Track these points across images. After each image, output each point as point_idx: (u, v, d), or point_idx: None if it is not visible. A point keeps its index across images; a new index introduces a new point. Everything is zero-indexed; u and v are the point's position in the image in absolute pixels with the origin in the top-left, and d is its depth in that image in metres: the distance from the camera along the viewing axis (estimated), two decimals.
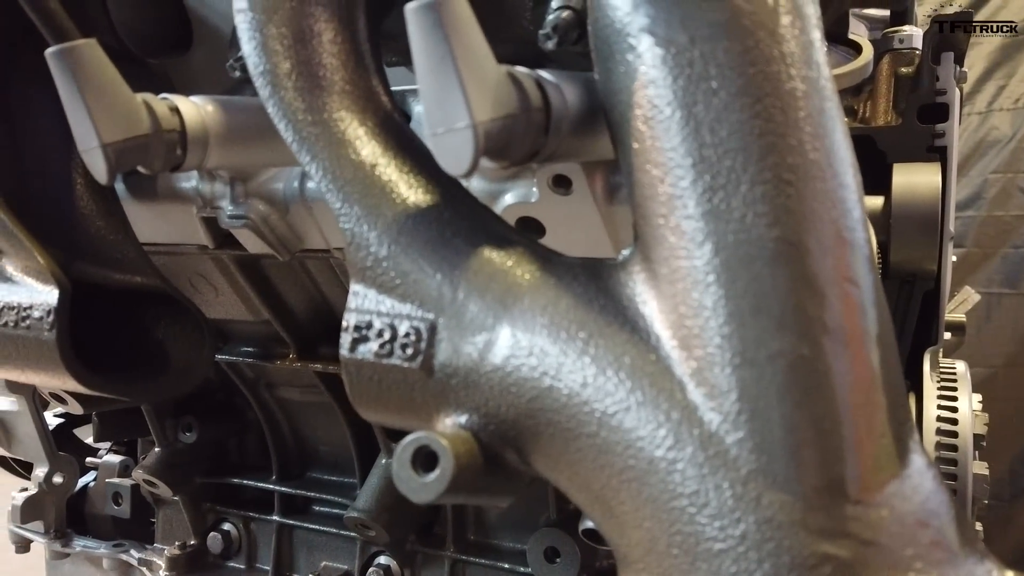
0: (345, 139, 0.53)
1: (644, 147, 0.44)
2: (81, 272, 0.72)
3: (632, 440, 0.41)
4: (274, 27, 0.54)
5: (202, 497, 1.27)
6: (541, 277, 0.47)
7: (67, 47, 0.56)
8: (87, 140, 0.58)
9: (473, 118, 0.44)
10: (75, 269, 0.71)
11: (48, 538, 1.46)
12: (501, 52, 0.46)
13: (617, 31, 0.45)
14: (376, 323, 0.50)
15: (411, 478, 0.44)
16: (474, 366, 0.46)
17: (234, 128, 0.65)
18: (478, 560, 1.08)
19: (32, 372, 0.65)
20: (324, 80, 0.54)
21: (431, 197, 0.51)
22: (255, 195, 0.82)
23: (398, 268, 0.49)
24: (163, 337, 0.77)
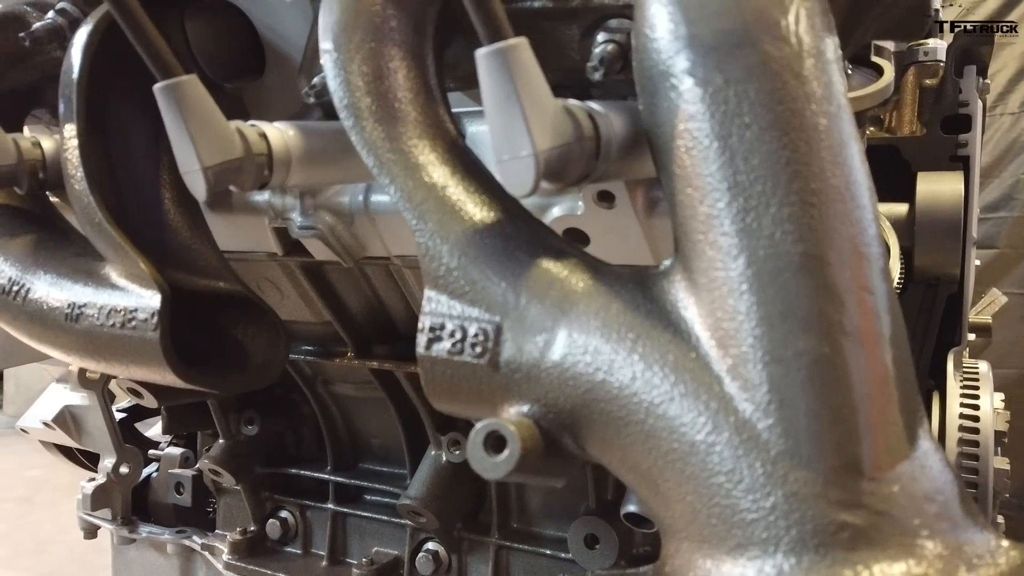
0: (419, 164, 0.60)
1: (685, 173, 0.50)
2: (171, 278, 0.80)
3: (676, 426, 0.47)
4: (356, 65, 0.62)
5: (261, 486, 1.36)
6: (593, 284, 0.54)
7: (173, 83, 0.64)
8: (189, 163, 0.65)
9: (535, 147, 0.51)
10: (166, 276, 0.79)
11: (116, 525, 1.56)
12: (551, 80, 0.53)
13: (661, 72, 0.51)
14: (448, 325, 0.57)
15: (484, 458, 0.51)
16: (535, 362, 0.53)
17: (311, 150, 0.73)
18: (521, 546, 1.15)
19: (135, 368, 0.73)
20: (400, 112, 0.62)
21: (494, 214, 0.58)
22: (323, 207, 0.90)
23: (467, 277, 0.56)
24: (241, 337, 0.85)
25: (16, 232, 0.83)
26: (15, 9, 0.99)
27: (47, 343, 0.77)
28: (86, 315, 0.73)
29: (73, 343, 0.75)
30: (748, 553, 0.44)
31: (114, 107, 0.84)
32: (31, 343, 0.79)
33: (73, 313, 0.74)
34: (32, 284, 0.77)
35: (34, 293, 0.77)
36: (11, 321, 0.79)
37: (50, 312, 0.75)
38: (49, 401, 1.60)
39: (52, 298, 0.75)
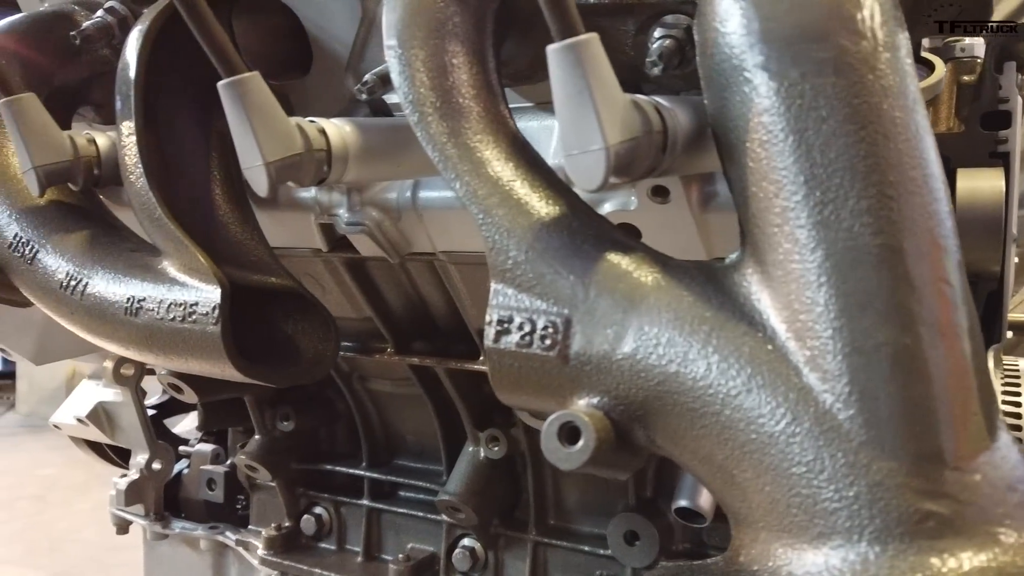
0: (483, 159, 0.61)
1: (760, 166, 0.51)
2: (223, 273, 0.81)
3: (754, 417, 0.48)
4: (420, 62, 0.62)
5: (296, 482, 1.37)
6: (662, 278, 0.54)
7: (237, 79, 0.65)
8: (251, 159, 0.66)
9: (606, 141, 0.52)
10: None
11: (149, 520, 1.57)
12: None
13: (734, 66, 0.52)
14: (516, 318, 0.57)
15: (558, 449, 0.52)
16: (605, 355, 0.54)
17: (367, 147, 0.73)
18: (559, 543, 1.16)
19: (194, 361, 0.74)
20: (463, 107, 0.62)
21: (559, 209, 0.59)
22: (370, 204, 0.91)
23: (535, 270, 0.57)
24: (291, 332, 0.85)
25: (71, 228, 0.84)
26: (63, 8, 1.00)
27: (105, 337, 0.78)
28: (145, 309, 0.74)
29: (132, 337, 0.76)
30: (831, 542, 0.45)
31: (165, 104, 0.85)
32: (88, 337, 0.80)
33: (132, 307, 0.75)
34: (90, 279, 0.78)
35: (92, 288, 0.78)
36: (69, 316, 0.80)
37: (109, 306, 0.76)
38: (82, 397, 1.62)
39: (110, 292, 0.76)
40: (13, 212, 0.84)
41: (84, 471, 5.35)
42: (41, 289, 0.82)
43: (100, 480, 5.05)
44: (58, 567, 3.87)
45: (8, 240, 0.84)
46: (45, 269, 0.81)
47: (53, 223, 0.84)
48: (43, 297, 0.82)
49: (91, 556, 3.97)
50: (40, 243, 0.82)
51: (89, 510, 4.54)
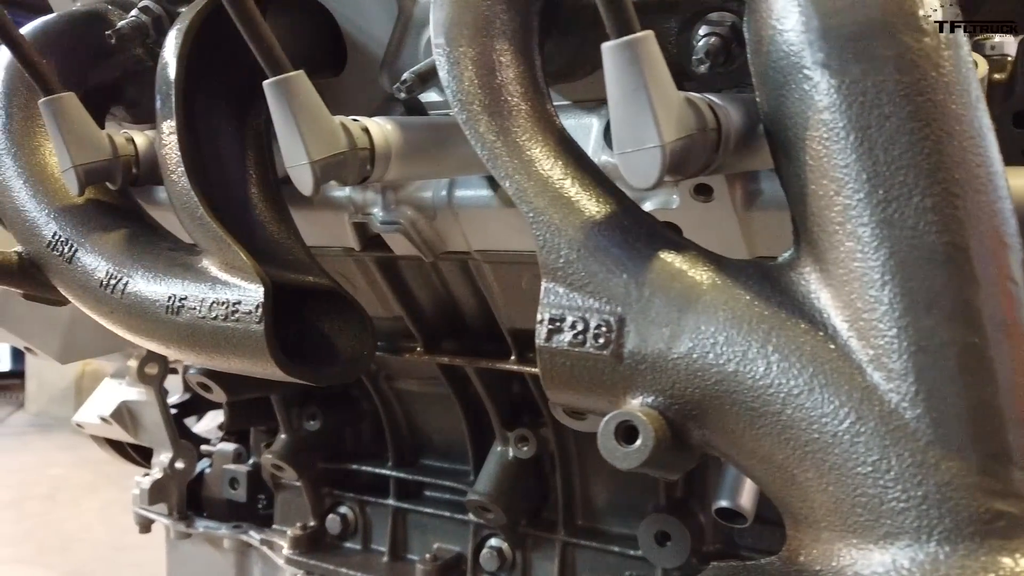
0: (533, 158, 0.60)
1: (820, 164, 0.50)
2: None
3: (816, 417, 0.48)
4: (469, 60, 0.62)
5: (321, 482, 1.37)
6: (718, 277, 0.54)
7: (284, 78, 0.65)
8: (296, 158, 0.66)
9: (662, 138, 0.51)
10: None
11: (172, 519, 1.57)
12: None
13: (792, 63, 0.51)
14: (569, 316, 0.57)
15: (615, 448, 0.51)
16: (661, 354, 0.54)
17: (409, 145, 0.73)
18: (588, 543, 1.16)
19: (236, 360, 0.74)
20: (512, 106, 0.62)
21: (610, 207, 0.58)
22: (405, 202, 0.91)
23: (587, 269, 0.57)
24: (328, 331, 0.85)
25: (109, 227, 0.84)
26: (97, 7, 1.00)
27: (145, 336, 0.78)
28: (187, 308, 0.74)
29: (173, 336, 0.76)
30: (899, 542, 0.44)
31: (202, 104, 0.85)
32: (128, 336, 0.80)
33: (173, 306, 0.75)
34: (130, 278, 0.78)
35: (132, 287, 0.78)
36: (108, 315, 0.80)
37: (150, 305, 0.76)
38: (105, 396, 1.62)
39: (151, 291, 0.76)
40: (51, 211, 0.85)
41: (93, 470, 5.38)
42: (80, 288, 0.82)
43: (109, 480, 5.08)
44: (68, 566, 3.88)
45: (46, 239, 0.84)
46: (84, 268, 0.81)
47: (91, 222, 0.84)
48: (82, 296, 0.82)
49: (101, 555, 3.98)
50: (79, 242, 0.82)
51: (98, 509, 4.56)
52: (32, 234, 0.85)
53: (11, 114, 0.89)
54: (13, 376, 8.09)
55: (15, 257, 0.85)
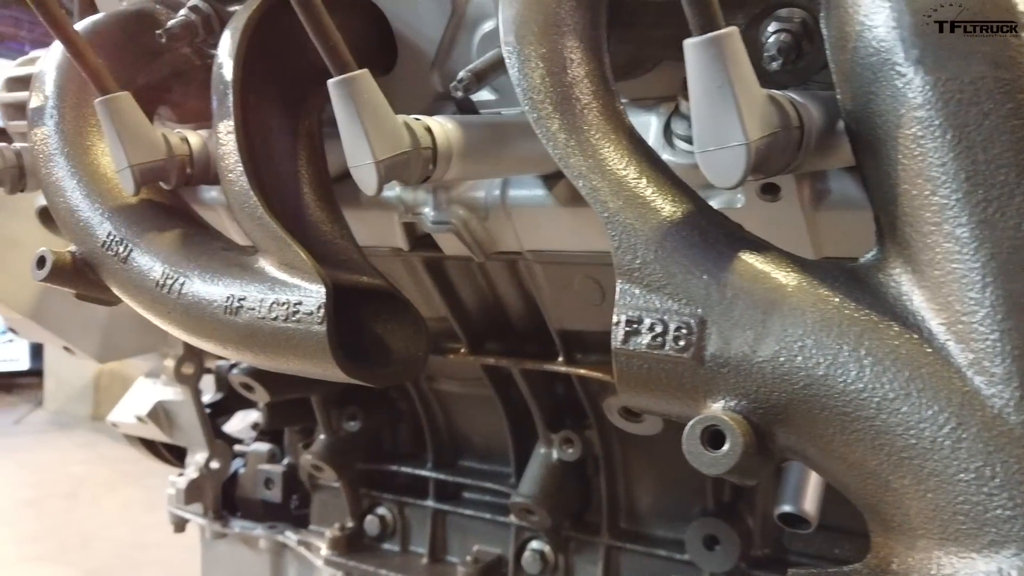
0: (606, 158, 0.59)
1: (913, 163, 0.49)
2: None
3: (914, 422, 0.46)
4: (539, 59, 0.61)
5: (360, 482, 1.36)
6: (802, 278, 0.53)
7: (349, 77, 0.64)
8: (361, 157, 0.66)
9: (747, 136, 0.50)
10: None
11: (208, 519, 1.57)
12: None
13: (883, 60, 0.50)
14: (646, 319, 0.56)
15: (702, 453, 0.50)
16: (745, 357, 0.52)
17: (470, 144, 0.72)
18: (633, 547, 1.14)
19: (295, 361, 0.73)
20: (583, 104, 0.61)
21: (686, 207, 0.57)
22: (456, 202, 0.90)
23: (665, 270, 0.56)
24: (381, 332, 0.85)
25: (164, 227, 0.84)
26: (145, 6, 1.00)
27: (202, 336, 0.78)
28: (246, 308, 0.74)
29: (231, 336, 0.75)
30: (1005, 551, 0.43)
31: (256, 104, 0.85)
32: (184, 336, 0.80)
33: (232, 306, 0.74)
34: (187, 278, 0.78)
35: (189, 287, 0.77)
36: (165, 315, 0.79)
37: (207, 306, 0.76)
38: (140, 396, 1.62)
39: (209, 292, 0.76)
40: (105, 210, 0.84)
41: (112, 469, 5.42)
42: (135, 288, 0.82)
43: (128, 478, 5.12)
44: (90, 564, 3.91)
45: (101, 239, 0.84)
46: (139, 268, 0.81)
47: (146, 222, 0.84)
48: (137, 296, 0.82)
49: (122, 554, 4.01)
50: (133, 242, 0.82)
51: (118, 507, 4.59)
52: (86, 234, 0.85)
53: (63, 114, 0.89)
54: (32, 375, 8.17)
55: (69, 257, 0.85)
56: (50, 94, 0.90)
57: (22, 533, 4.19)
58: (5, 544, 4.04)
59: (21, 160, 0.95)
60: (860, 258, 0.55)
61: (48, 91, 0.91)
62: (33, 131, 0.90)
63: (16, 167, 0.95)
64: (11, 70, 1.41)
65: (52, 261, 0.84)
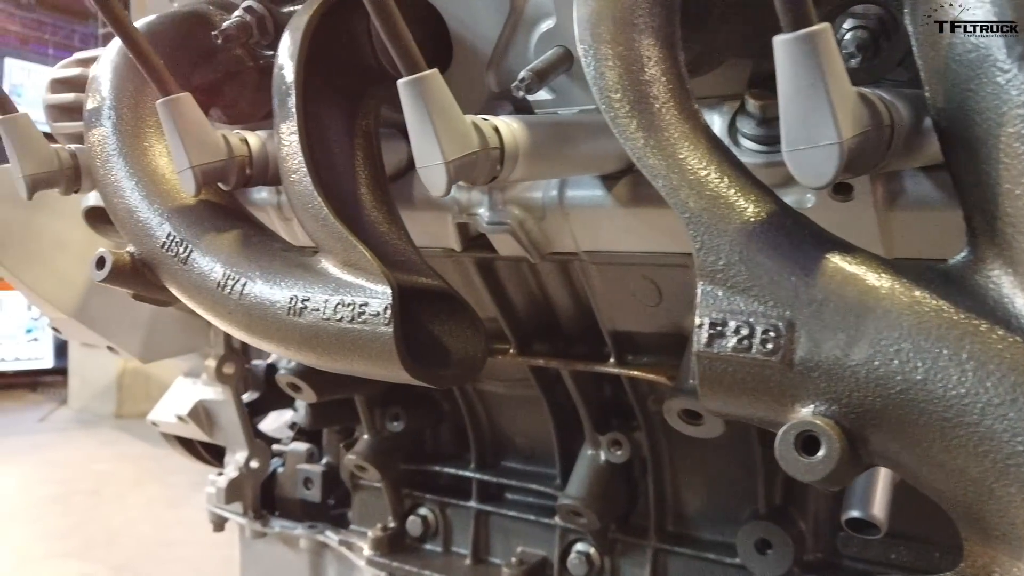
0: (685, 157, 0.58)
1: (1017, 161, 0.48)
2: None
3: (1022, 428, 0.45)
4: (615, 58, 0.60)
5: (402, 483, 1.36)
6: (895, 280, 0.52)
7: (419, 77, 0.64)
8: (430, 158, 0.65)
9: (840, 135, 0.49)
10: None
11: (248, 519, 1.58)
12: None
13: (983, 56, 0.49)
14: (731, 321, 0.55)
15: (797, 460, 0.49)
16: (836, 361, 0.51)
17: (536, 144, 0.72)
18: (681, 550, 1.13)
19: (359, 362, 0.73)
20: (660, 102, 0.60)
21: (771, 207, 0.56)
22: (512, 202, 0.89)
23: (750, 271, 0.55)
24: (438, 333, 0.84)
25: (223, 227, 0.83)
26: (197, 7, 1.00)
27: (265, 338, 0.77)
28: (310, 309, 0.73)
29: (294, 337, 0.75)
30: None
31: (315, 104, 0.85)
32: (245, 338, 0.80)
33: (295, 307, 0.74)
34: (249, 279, 0.77)
35: (251, 288, 0.77)
36: (226, 316, 0.79)
37: (270, 307, 0.76)
38: (180, 395, 1.63)
39: (271, 292, 0.76)
40: (165, 211, 0.84)
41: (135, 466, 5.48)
42: (195, 289, 0.81)
43: (151, 476, 5.17)
44: (115, 560, 3.95)
45: (160, 240, 0.84)
46: (200, 269, 0.81)
47: (205, 222, 0.84)
48: (197, 297, 0.82)
49: (147, 551, 4.04)
50: (194, 242, 0.82)
51: (143, 505, 4.64)
52: (145, 235, 0.85)
53: (121, 115, 0.89)
54: (56, 373, 8.28)
55: (128, 258, 0.85)
56: (107, 95, 0.91)
57: (48, 530, 4.25)
58: (32, 540, 4.09)
59: (76, 161, 0.95)
60: (948, 260, 0.53)
61: (105, 92, 0.91)
62: (90, 132, 0.91)
63: (72, 168, 0.95)
64: (56, 72, 1.42)
65: (112, 262, 0.84)
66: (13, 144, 0.92)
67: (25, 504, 4.70)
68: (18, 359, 8.54)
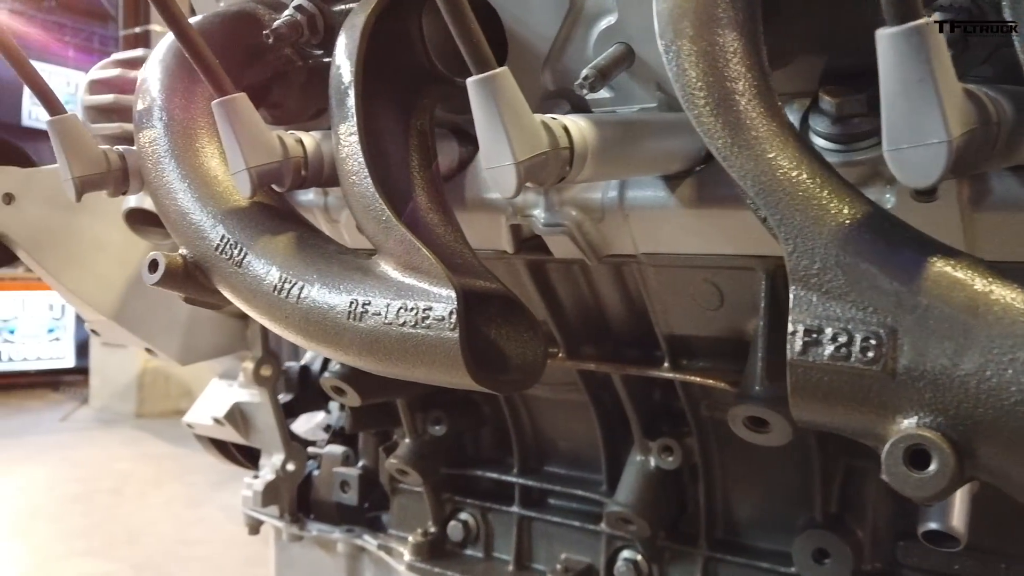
0: (775, 156, 0.56)
1: None
2: None
3: None
4: (698, 54, 0.58)
5: (443, 487, 1.34)
6: (1003, 286, 0.49)
7: (490, 75, 0.62)
8: (499, 158, 0.63)
9: (949, 133, 0.47)
10: None
11: (285, 522, 1.57)
12: (856, 63, 0.49)
13: None
14: (828, 328, 0.53)
15: (907, 475, 0.47)
16: (944, 370, 0.49)
17: (604, 144, 0.70)
18: (734, 559, 1.11)
19: (422, 368, 0.71)
20: (745, 100, 0.58)
21: (866, 208, 0.54)
22: (570, 204, 0.87)
23: (848, 276, 0.52)
24: (495, 337, 0.82)
25: (277, 230, 0.82)
26: (246, 7, 0.99)
27: (323, 343, 0.76)
28: (371, 313, 0.72)
29: (354, 342, 0.73)
30: None
31: (368, 106, 0.83)
32: (302, 342, 0.78)
33: (355, 311, 0.72)
34: (306, 282, 0.76)
35: (309, 291, 0.75)
36: (283, 320, 0.78)
37: (329, 311, 0.74)
38: (216, 398, 1.62)
39: (330, 296, 0.74)
40: (218, 214, 0.83)
41: (155, 466, 5.52)
42: (250, 292, 0.80)
43: (171, 475, 5.20)
44: (137, 559, 3.97)
45: (214, 242, 0.82)
46: (255, 272, 0.79)
47: (260, 225, 0.82)
48: (252, 300, 0.80)
49: (167, 549, 4.06)
50: (248, 245, 0.81)
51: (163, 504, 4.66)
52: (198, 237, 0.83)
53: (172, 115, 0.88)
54: (77, 372, 8.34)
55: (180, 260, 0.84)
56: (158, 96, 0.89)
57: (71, 528, 4.28)
58: (55, 539, 4.12)
59: (125, 163, 0.94)
60: None
61: (156, 93, 0.90)
62: (141, 133, 0.89)
63: (121, 170, 0.94)
64: (94, 73, 1.42)
65: (164, 265, 0.83)
66: (62, 145, 0.90)
67: (47, 502, 4.74)
68: (40, 358, 8.62)
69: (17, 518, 4.49)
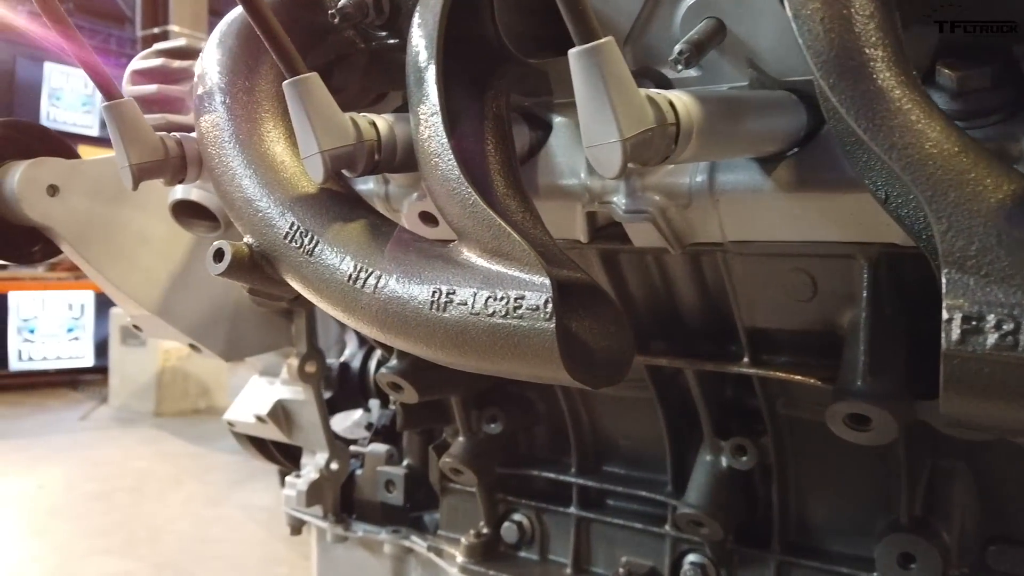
0: (922, 128, 0.51)
1: None
2: None
3: None
4: (833, 19, 0.54)
5: (496, 487, 1.30)
6: None
7: (595, 45, 0.57)
8: (604, 135, 0.58)
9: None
10: None
11: (329, 522, 1.53)
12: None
13: None
14: (990, 315, 0.48)
15: None
16: None
17: (709, 121, 0.65)
18: (809, 563, 1.06)
19: (511, 361, 0.67)
20: (883, 67, 0.53)
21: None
22: (653, 189, 0.83)
23: (1013, 257, 0.48)
24: (578, 329, 0.78)
25: (348, 216, 0.78)
26: None
27: (403, 335, 0.72)
28: (456, 303, 0.67)
29: (438, 334, 0.69)
30: None
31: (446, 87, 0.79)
32: (379, 335, 0.74)
33: (439, 301, 0.68)
34: (384, 271, 0.72)
35: (387, 280, 0.71)
36: (358, 311, 0.73)
37: (410, 301, 0.70)
38: (258, 395, 1.59)
39: (410, 286, 0.70)
40: (286, 201, 0.79)
41: (174, 464, 5.51)
42: (322, 283, 0.76)
43: (190, 474, 5.19)
44: (157, 557, 3.96)
45: (283, 231, 0.78)
46: (328, 261, 0.75)
47: (331, 212, 0.78)
48: (323, 291, 0.76)
49: (187, 548, 4.05)
50: (320, 233, 0.76)
51: (182, 502, 4.65)
52: (266, 225, 0.79)
53: (236, 99, 0.84)
54: (96, 371, 8.36)
55: (246, 250, 0.80)
56: (219, 79, 0.86)
57: (91, 527, 4.27)
58: (75, 537, 4.12)
59: (183, 150, 0.90)
60: None
61: (216, 76, 0.86)
62: (202, 118, 0.85)
63: (179, 157, 0.90)
64: (136, 63, 1.38)
65: (231, 254, 0.79)
66: (119, 131, 0.87)
67: (67, 501, 4.75)
68: (59, 357, 8.65)
69: (38, 517, 4.49)
